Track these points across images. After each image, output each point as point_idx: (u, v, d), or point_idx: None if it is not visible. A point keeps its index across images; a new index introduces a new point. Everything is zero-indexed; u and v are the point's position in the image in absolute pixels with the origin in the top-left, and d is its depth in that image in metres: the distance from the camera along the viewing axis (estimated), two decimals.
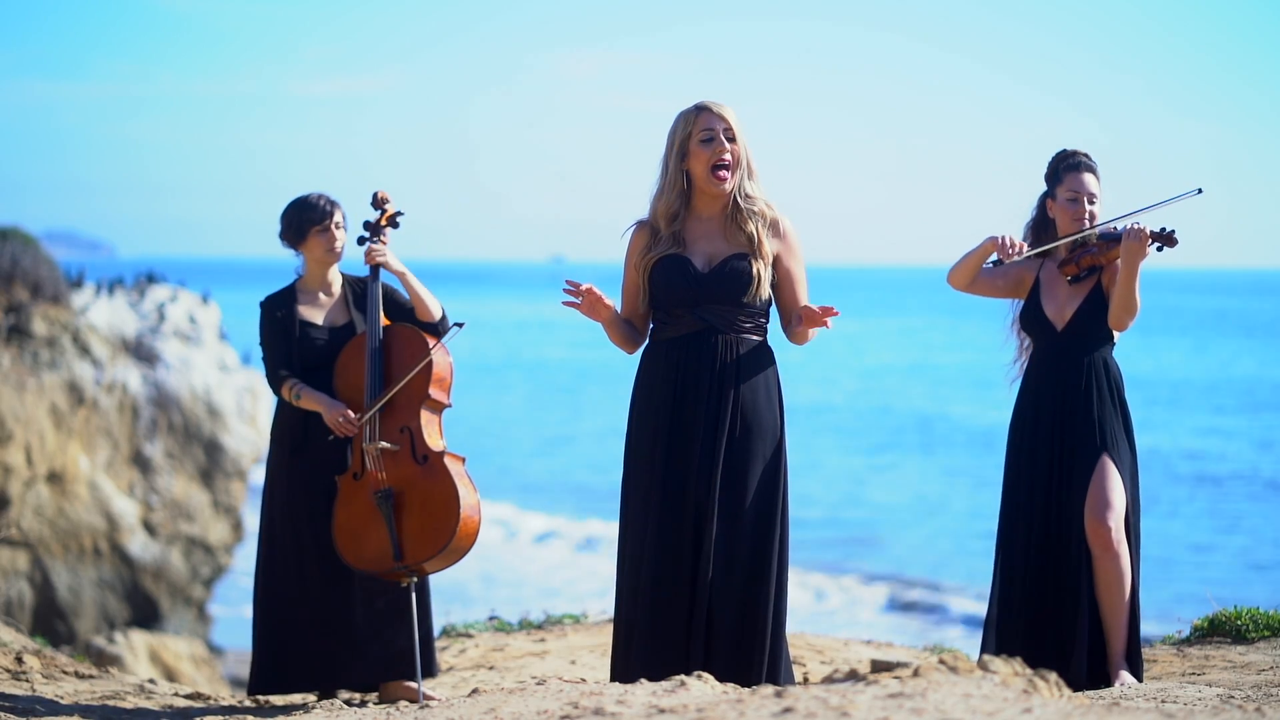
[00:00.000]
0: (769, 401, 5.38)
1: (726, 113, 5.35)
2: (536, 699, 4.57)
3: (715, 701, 3.87)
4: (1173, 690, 5.51)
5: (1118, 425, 5.89)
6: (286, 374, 6.33)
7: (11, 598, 16.77)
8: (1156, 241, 5.80)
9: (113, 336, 18.45)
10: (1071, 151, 6.04)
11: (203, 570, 18.39)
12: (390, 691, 6.38)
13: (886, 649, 8.35)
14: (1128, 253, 5.75)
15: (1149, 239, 5.75)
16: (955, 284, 6.06)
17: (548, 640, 8.14)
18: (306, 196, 6.41)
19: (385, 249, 6.38)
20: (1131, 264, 5.76)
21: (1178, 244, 5.81)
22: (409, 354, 6.24)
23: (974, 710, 3.43)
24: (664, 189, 5.40)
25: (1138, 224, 5.79)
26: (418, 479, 6.15)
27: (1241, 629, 6.84)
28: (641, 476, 5.37)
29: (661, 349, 5.40)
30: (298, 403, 6.28)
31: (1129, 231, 5.76)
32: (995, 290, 6.08)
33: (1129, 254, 5.75)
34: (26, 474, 17.07)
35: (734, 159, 5.34)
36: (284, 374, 6.33)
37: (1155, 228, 5.80)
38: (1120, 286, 5.80)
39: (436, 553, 6.08)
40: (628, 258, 5.45)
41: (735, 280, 5.32)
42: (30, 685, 6.45)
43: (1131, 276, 5.78)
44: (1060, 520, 5.86)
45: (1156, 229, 5.80)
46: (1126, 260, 5.76)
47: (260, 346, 6.45)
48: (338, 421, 6.19)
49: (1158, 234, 5.80)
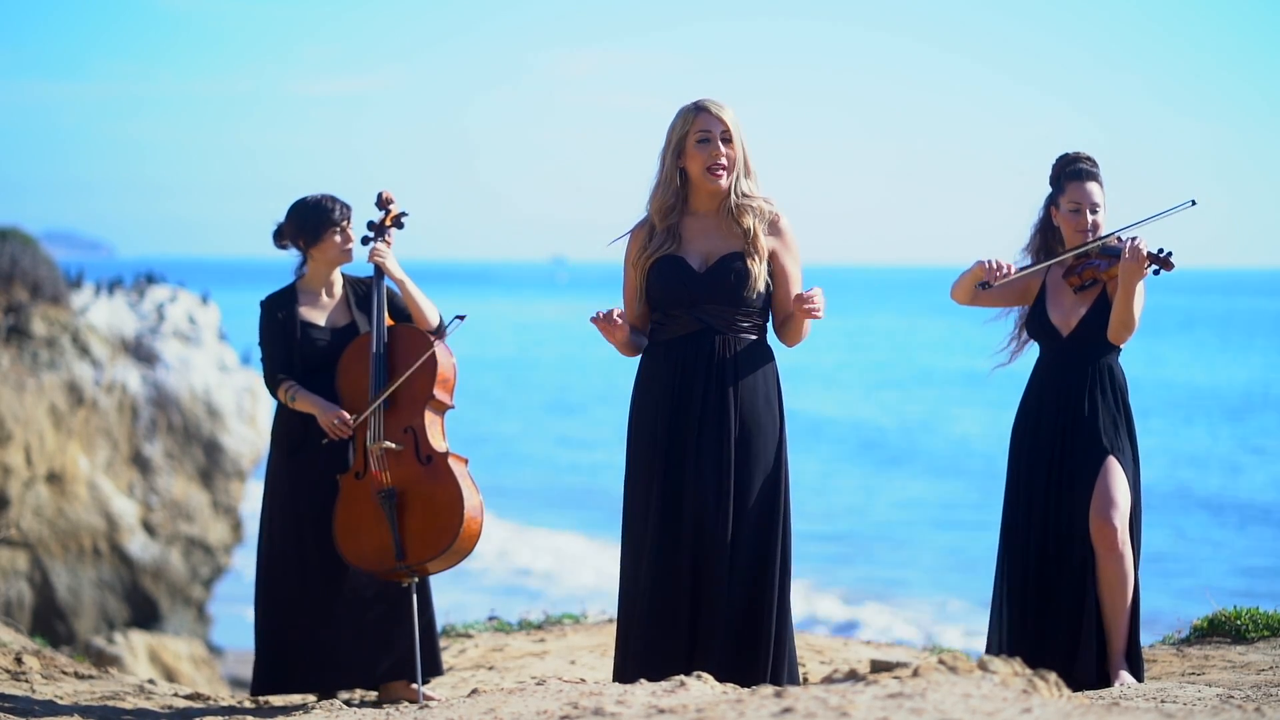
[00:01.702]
0: (768, 401, 5.38)
1: (725, 114, 5.35)
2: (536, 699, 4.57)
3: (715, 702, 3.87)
4: (1172, 690, 5.50)
5: (1122, 429, 5.89)
6: (284, 376, 6.32)
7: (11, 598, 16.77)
8: (1154, 264, 5.80)
9: (112, 337, 18.44)
10: (1074, 157, 6.02)
11: (202, 570, 18.39)
12: (390, 692, 6.39)
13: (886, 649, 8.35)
14: (1125, 273, 5.76)
15: (1146, 260, 5.75)
16: (957, 300, 6.08)
17: (547, 640, 8.14)
18: (319, 199, 6.38)
19: (388, 251, 6.37)
20: (1129, 283, 5.77)
21: (1174, 267, 5.81)
22: (413, 354, 6.23)
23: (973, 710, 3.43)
24: (660, 184, 5.40)
25: (1136, 241, 5.78)
26: (421, 479, 6.15)
27: (1241, 629, 6.84)
28: (642, 477, 5.36)
29: (660, 350, 5.40)
30: (293, 404, 6.27)
31: (1129, 251, 5.76)
32: (1002, 300, 6.09)
33: (1126, 274, 5.76)
34: (26, 474, 17.07)
35: (729, 161, 5.34)
36: (281, 376, 6.32)
37: (1153, 249, 5.79)
38: (1118, 304, 5.81)
39: (439, 553, 6.09)
40: (626, 260, 5.46)
41: (732, 280, 5.32)
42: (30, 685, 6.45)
43: (1129, 295, 5.79)
44: (1063, 521, 5.85)
45: (1154, 250, 5.79)
46: (1124, 280, 5.77)
47: (259, 347, 6.44)
48: (333, 424, 6.18)
49: (1155, 256, 5.79)
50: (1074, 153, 6.03)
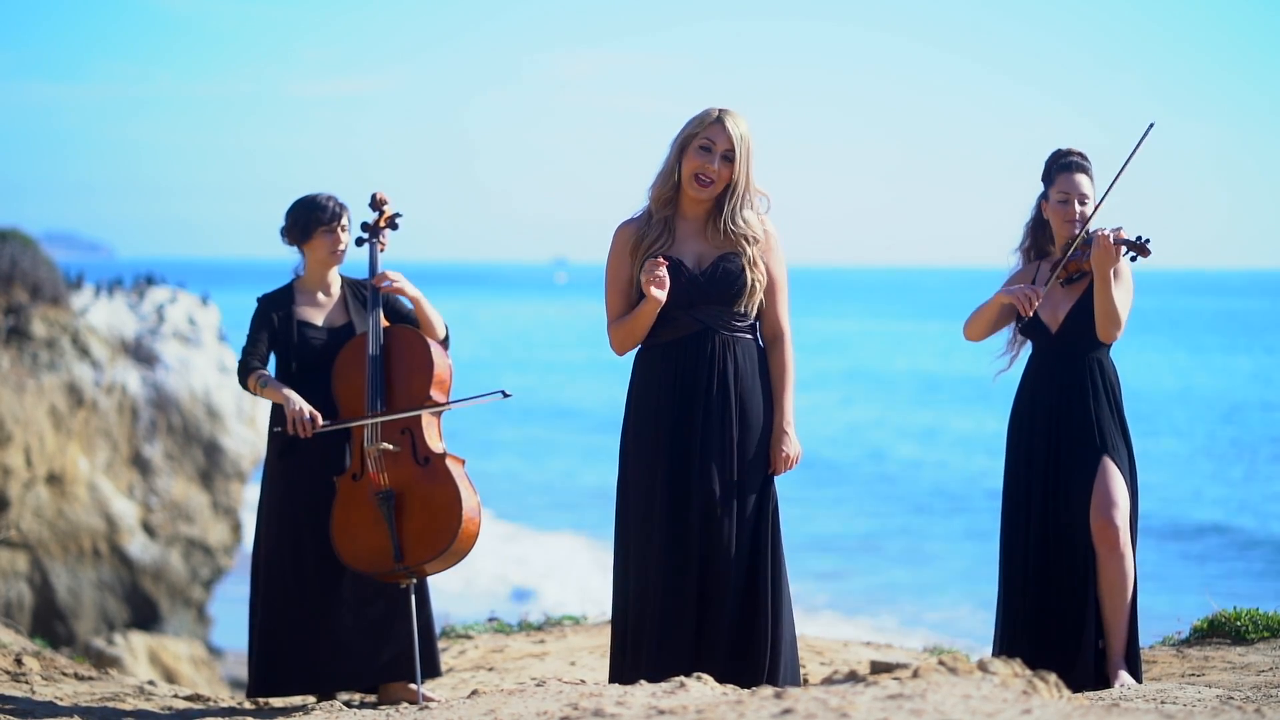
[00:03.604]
0: (766, 401, 5.39)
1: (737, 133, 5.31)
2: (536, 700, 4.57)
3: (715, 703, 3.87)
4: (1172, 691, 5.50)
5: (1114, 426, 5.89)
6: (257, 365, 6.30)
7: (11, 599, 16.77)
8: (1130, 250, 5.77)
9: (112, 338, 18.45)
10: (1065, 151, 6.03)
11: (202, 572, 18.39)
12: (390, 693, 6.38)
13: (886, 650, 8.35)
14: (1095, 261, 5.73)
15: (1114, 245, 5.71)
16: (971, 338, 6.09)
17: (547, 641, 8.14)
18: (315, 196, 6.39)
19: (399, 276, 6.33)
20: (1102, 273, 5.73)
21: (1151, 254, 5.78)
22: (410, 356, 6.23)
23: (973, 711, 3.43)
24: (661, 174, 5.42)
25: (1103, 231, 5.75)
26: (419, 480, 6.15)
27: (1241, 630, 6.83)
28: (643, 480, 5.35)
29: (659, 352, 5.39)
30: (261, 392, 6.24)
31: (1095, 239, 5.74)
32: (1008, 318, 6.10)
33: (1097, 262, 5.72)
34: (26, 475, 17.07)
35: (719, 179, 5.33)
36: (255, 365, 6.30)
37: (1130, 236, 5.76)
38: (1097, 297, 5.78)
39: (437, 554, 6.08)
40: (616, 253, 5.42)
41: (729, 281, 5.33)
42: (30, 687, 6.45)
43: (1105, 285, 5.74)
44: (1060, 521, 5.85)
45: (1131, 238, 5.76)
46: (1098, 270, 5.73)
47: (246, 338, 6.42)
48: (296, 418, 6.14)
49: (1131, 243, 5.75)
50: (1066, 148, 6.05)
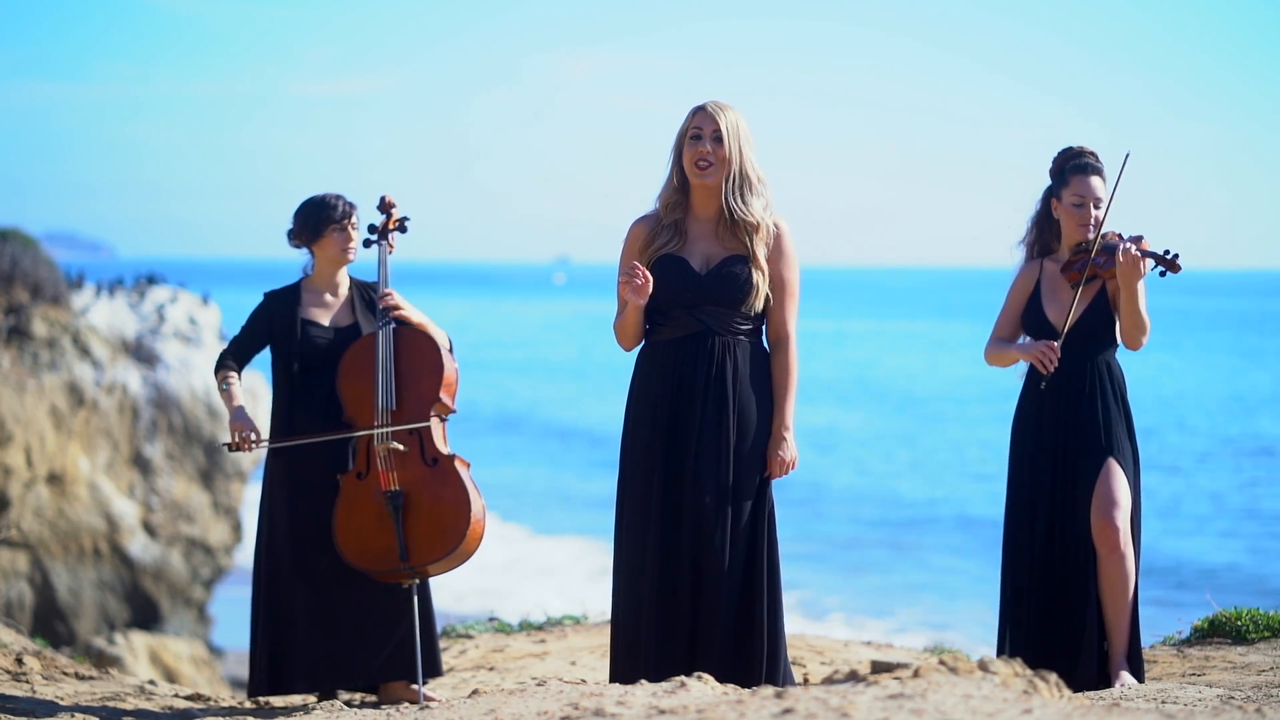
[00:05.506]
0: (765, 404, 5.39)
1: (721, 116, 5.35)
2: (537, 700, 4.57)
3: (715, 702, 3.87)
4: (1173, 691, 5.50)
5: (1121, 428, 5.89)
6: (231, 366, 6.35)
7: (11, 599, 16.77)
8: (1158, 265, 5.78)
9: (113, 338, 18.44)
10: (1078, 151, 6.00)
11: (203, 571, 18.38)
12: (391, 692, 6.38)
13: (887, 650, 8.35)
14: (1122, 275, 5.74)
15: (1141, 261, 5.72)
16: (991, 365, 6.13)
17: (548, 641, 8.14)
18: (325, 196, 6.40)
19: (401, 299, 6.34)
20: (1130, 286, 5.76)
21: (1180, 269, 5.80)
22: (418, 356, 6.25)
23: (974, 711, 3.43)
24: (667, 181, 5.44)
25: (1142, 242, 5.76)
26: (427, 481, 6.16)
27: (1241, 630, 6.83)
28: (639, 479, 5.36)
29: (658, 350, 5.40)
30: (220, 392, 6.34)
31: (1122, 254, 5.73)
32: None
33: (1123, 277, 5.74)
34: (26, 475, 17.07)
35: (717, 160, 5.34)
36: (228, 365, 6.36)
37: (1157, 250, 5.77)
38: (1123, 308, 5.81)
39: (444, 555, 6.09)
40: (627, 250, 5.44)
41: (732, 283, 5.33)
42: (30, 686, 6.45)
43: (1132, 297, 5.78)
44: (1065, 522, 5.85)
45: (1160, 252, 5.76)
46: (1124, 284, 5.75)
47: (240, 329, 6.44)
48: (238, 434, 6.19)
49: (1160, 258, 5.76)
50: (1078, 147, 6.01)
